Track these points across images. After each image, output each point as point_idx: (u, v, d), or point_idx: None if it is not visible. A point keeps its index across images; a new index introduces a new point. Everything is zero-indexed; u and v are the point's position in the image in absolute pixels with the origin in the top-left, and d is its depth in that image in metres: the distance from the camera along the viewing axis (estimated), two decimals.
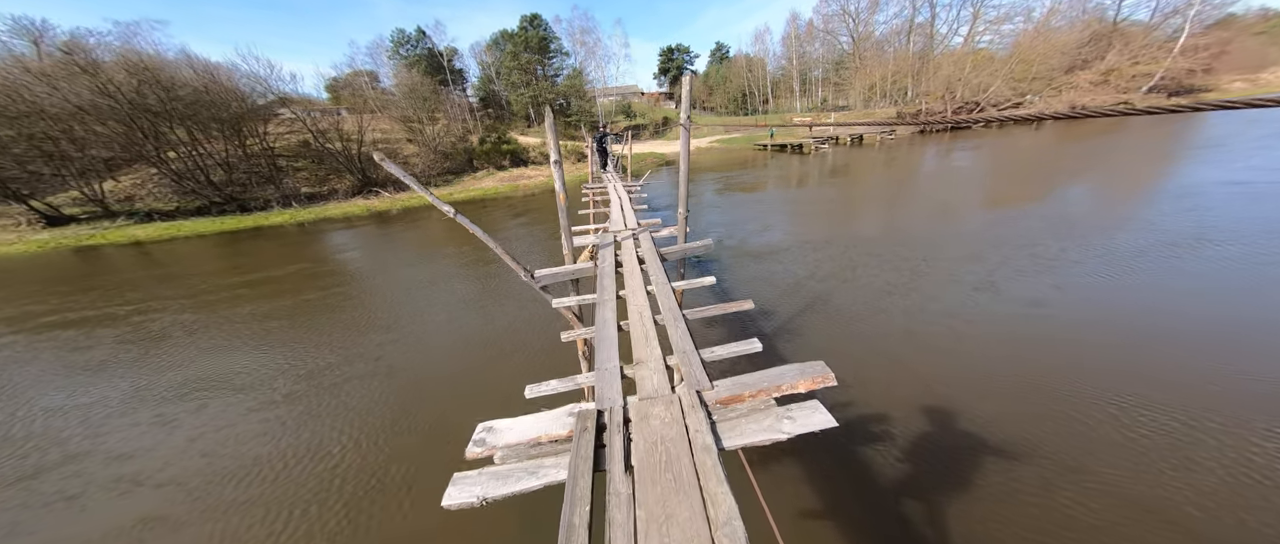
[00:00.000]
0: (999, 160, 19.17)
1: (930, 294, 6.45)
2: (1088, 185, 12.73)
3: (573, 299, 3.31)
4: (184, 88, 17.81)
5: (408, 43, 40.56)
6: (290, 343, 6.71)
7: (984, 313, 5.75)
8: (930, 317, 5.74)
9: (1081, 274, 6.63)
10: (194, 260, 12.90)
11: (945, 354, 4.90)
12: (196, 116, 17.90)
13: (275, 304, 8.43)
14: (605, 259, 3.87)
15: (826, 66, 46.46)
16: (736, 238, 10.40)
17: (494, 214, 17.19)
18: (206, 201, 18.65)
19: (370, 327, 7.05)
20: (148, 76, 16.56)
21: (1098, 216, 9.48)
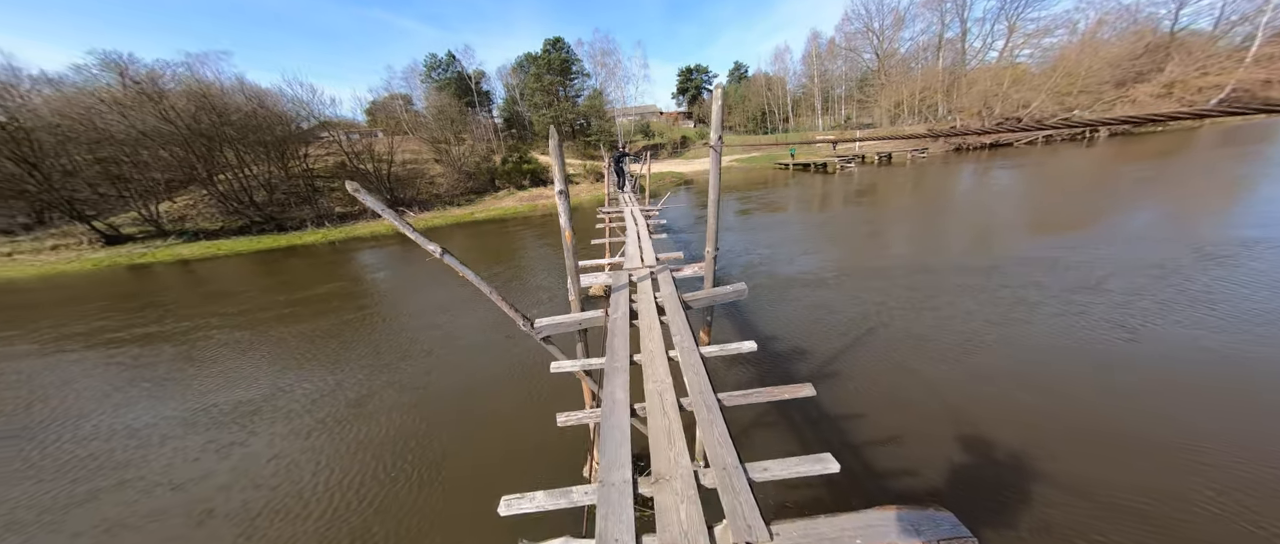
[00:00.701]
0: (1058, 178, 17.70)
1: (1053, 337, 5.25)
2: (1192, 201, 11.31)
3: (576, 363, 2.82)
4: (235, 112, 19.23)
5: (439, 67, 42.96)
6: (335, 365, 6.60)
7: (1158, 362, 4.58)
8: (1071, 372, 4.51)
9: (1249, 308, 5.44)
10: (238, 278, 13.42)
11: (1137, 443, 3.47)
12: (245, 139, 19.24)
13: (318, 324, 8.43)
14: (618, 306, 3.40)
15: (850, 84, 45.70)
16: (765, 265, 9.73)
17: (514, 234, 17.23)
18: (248, 221, 19.73)
19: (409, 352, 6.81)
20: (204, 102, 17.97)
21: (1229, 235, 8.24)
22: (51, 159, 17.33)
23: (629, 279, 3.86)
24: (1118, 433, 3.73)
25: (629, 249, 5.09)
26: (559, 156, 2.90)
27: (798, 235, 12.32)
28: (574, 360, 2.84)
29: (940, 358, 5.15)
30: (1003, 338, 5.50)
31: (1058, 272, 7.55)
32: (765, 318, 6.77)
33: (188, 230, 18.71)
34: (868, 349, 5.48)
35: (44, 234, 17.96)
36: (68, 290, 13.00)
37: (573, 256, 3.25)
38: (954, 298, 6.88)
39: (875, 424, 4.06)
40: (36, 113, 17.43)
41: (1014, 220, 11.52)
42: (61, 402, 6.15)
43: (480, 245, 15.80)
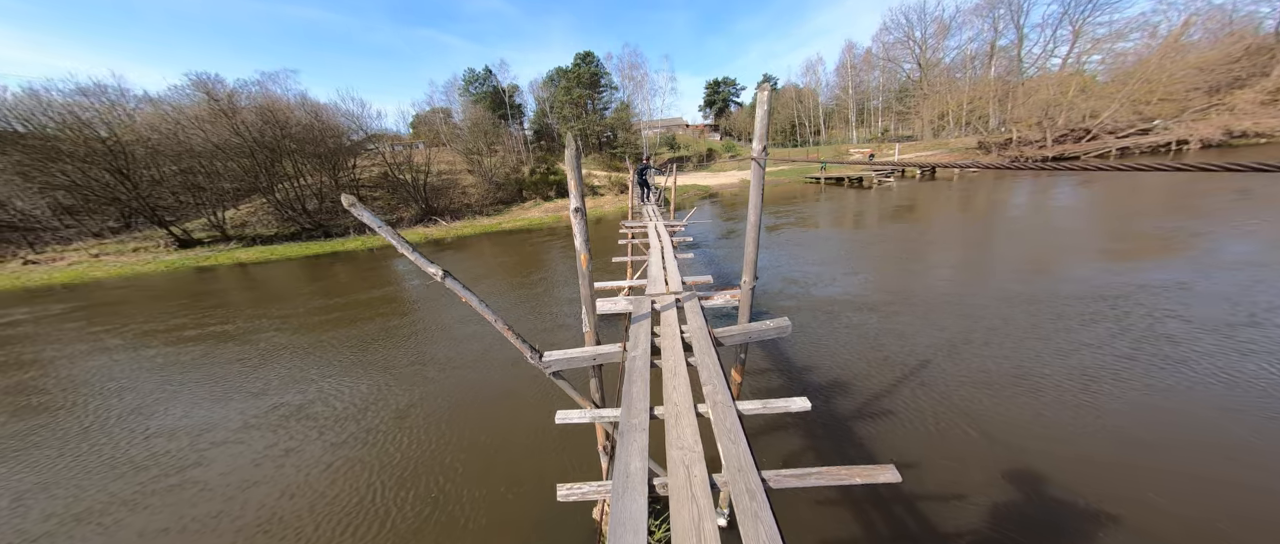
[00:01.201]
0: (1145, 195, 15.66)
1: (1224, 384, 4.27)
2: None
3: (585, 414, 2.39)
4: (295, 125, 20.92)
5: (477, 80, 45.31)
6: (383, 369, 6.65)
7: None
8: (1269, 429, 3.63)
9: None
10: (291, 282, 14.27)
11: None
12: (302, 151, 20.85)
13: (365, 329, 8.66)
14: (638, 341, 2.97)
15: (887, 95, 43.73)
16: (797, 285, 9.00)
17: (540, 244, 17.33)
18: (299, 228, 21.18)
19: (456, 362, 6.72)
20: (269, 116, 19.66)
21: None
22: (141, 169, 19.46)
23: (651, 307, 3.42)
24: None
25: (652, 270, 4.62)
26: (576, 169, 2.55)
27: (838, 254, 11.42)
28: (583, 411, 2.42)
29: (1066, 403, 4.24)
30: (1159, 386, 4.44)
31: (1193, 300, 6.35)
32: (808, 351, 5.96)
33: (247, 235, 20.31)
34: (959, 397, 4.49)
35: (129, 237, 20.09)
36: (146, 290, 14.28)
37: (588, 283, 2.85)
38: (1066, 328, 5.86)
39: (990, 515, 3.09)
40: (134, 129, 19.73)
41: (1111, 241, 10.05)
42: (136, 397, 6.49)
43: (507, 255, 15.97)
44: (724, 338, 2.94)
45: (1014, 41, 34.49)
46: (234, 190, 21.54)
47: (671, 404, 2.28)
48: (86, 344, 9.12)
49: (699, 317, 3.17)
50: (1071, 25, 31.68)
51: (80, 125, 17.89)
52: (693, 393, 2.35)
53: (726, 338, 2.95)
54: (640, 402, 2.31)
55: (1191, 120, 24.54)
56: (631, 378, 2.53)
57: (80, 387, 7.03)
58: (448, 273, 2.38)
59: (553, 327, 7.96)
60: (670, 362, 2.69)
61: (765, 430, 4.18)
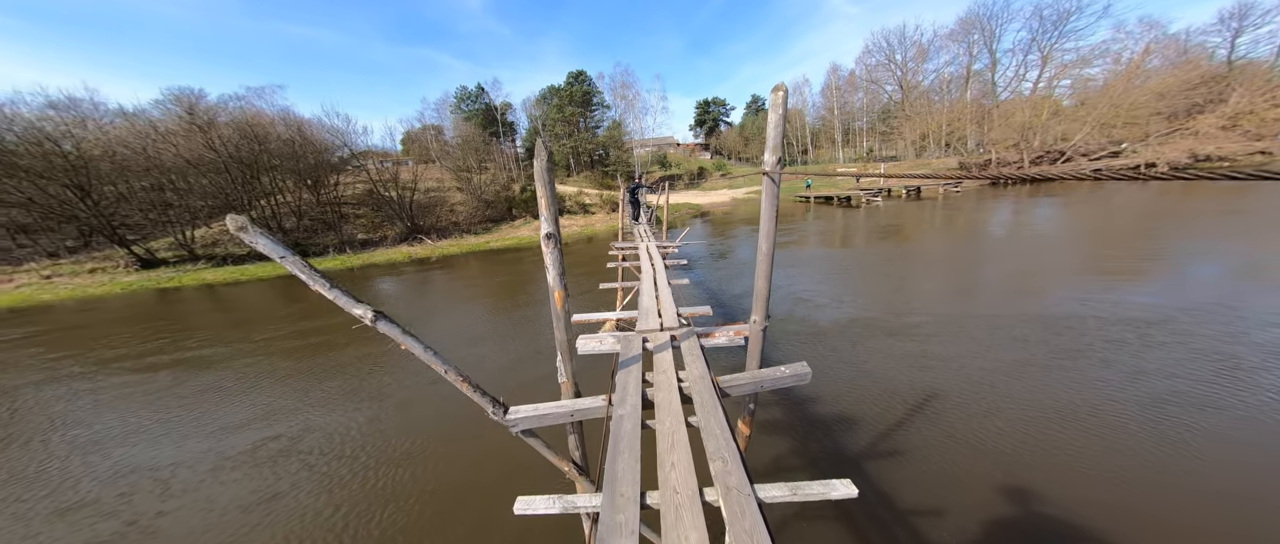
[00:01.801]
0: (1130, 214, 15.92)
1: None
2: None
3: (554, 501, 1.81)
4: (275, 140, 20.27)
5: (469, 98, 45.56)
6: (368, 400, 5.96)
7: None
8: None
9: None
10: (264, 304, 13.31)
11: None
12: (280, 167, 20.14)
13: (342, 357, 7.87)
14: (627, 392, 2.44)
15: (871, 116, 45.28)
16: (807, 305, 8.57)
17: (529, 264, 16.74)
18: None
19: (432, 398, 5.98)
20: (248, 131, 19.01)
21: None
22: (105, 185, 18.48)
23: (643, 346, 2.90)
24: None
25: (644, 300, 4.04)
26: (548, 184, 2.07)
27: (842, 273, 11.10)
28: (551, 498, 1.84)
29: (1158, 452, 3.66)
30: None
31: (1239, 323, 6.04)
32: (830, 389, 5.19)
33: (216, 255, 19.27)
34: (1042, 450, 3.68)
35: (86, 257, 18.86)
36: (104, 313, 13.17)
37: (564, 328, 2.33)
38: (1124, 353, 5.40)
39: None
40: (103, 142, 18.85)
41: (1121, 261, 9.89)
42: (89, 432, 5.62)
43: (495, 275, 15.32)
44: (731, 388, 2.44)
45: (988, 66, 36.25)
46: (206, 208, 20.61)
47: (670, 490, 1.74)
48: (40, 372, 8.14)
49: (700, 361, 2.65)
50: (1040, 51, 33.49)
51: (41, 139, 16.99)
52: (697, 471, 1.82)
53: (733, 387, 2.44)
54: (629, 485, 1.76)
55: (1158, 143, 25.67)
56: (618, 448, 1.98)
57: (26, 418, 6.13)
58: (381, 314, 1.84)
59: (546, 349, 7.34)
60: (666, 424, 2.16)
61: (792, 518, 3.25)
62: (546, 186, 2.07)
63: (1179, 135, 25.45)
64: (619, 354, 2.81)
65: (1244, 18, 30.61)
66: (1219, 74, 27.19)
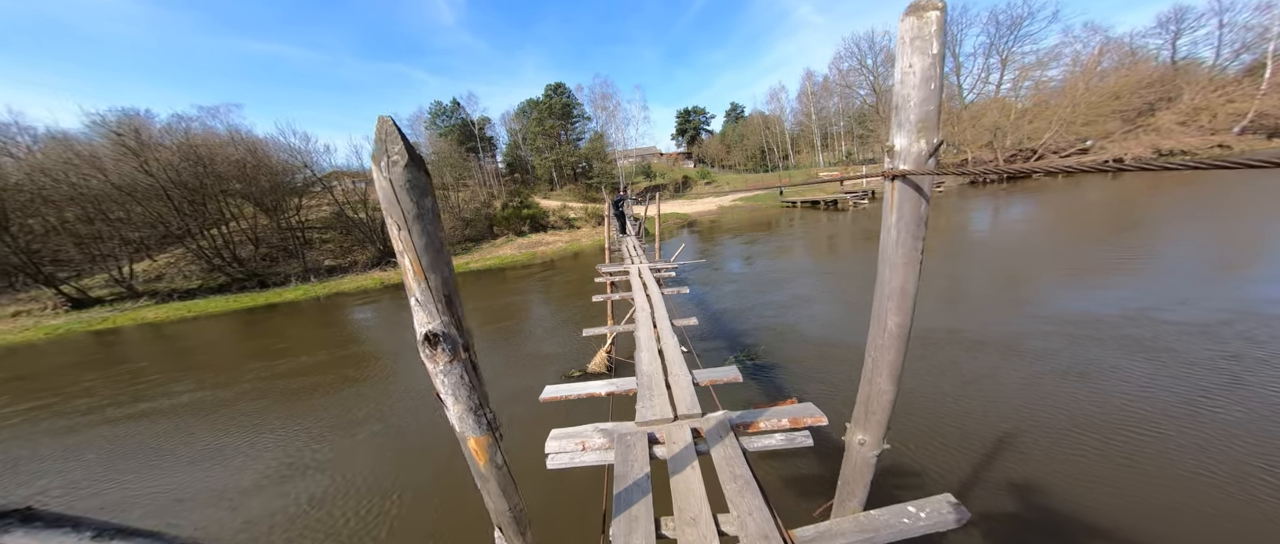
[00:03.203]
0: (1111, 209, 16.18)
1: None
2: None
3: None
4: (224, 162, 18.66)
5: (444, 114, 44.28)
6: (346, 470, 4.76)
7: None
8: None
9: None
10: (219, 345, 11.82)
11: None
12: (229, 190, 18.53)
13: (316, 402, 6.65)
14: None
15: (847, 120, 46.39)
16: (819, 332, 7.95)
17: (513, 286, 15.71)
18: (228, 278, 18.52)
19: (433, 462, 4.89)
20: (191, 153, 17.41)
21: None
22: (28, 218, 16.54)
23: (649, 452, 2.06)
24: None
25: (643, 364, 2.91)
26: (417, 217, 1.09)
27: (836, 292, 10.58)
28: None
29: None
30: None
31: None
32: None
33: (161, 290, 17.45)
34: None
35: (8, 300, 16.75)
36: (32, 360, 11.41)
37: (501, 490, 1.32)
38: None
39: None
40: (23, 167, 16.92)
41: (1136, 261, 9.66)
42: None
43: (477, 299, 14.24)
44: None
45: (953, 69, 37.65)
46: (147, 239, 18.76)
47: None
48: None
49: (752, 492, 1.70)
50: (999, 55, 35.00)
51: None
52: None
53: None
54: None
55: (1123, 138, 26.89)
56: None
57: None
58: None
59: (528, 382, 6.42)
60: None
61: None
62: (418, 221, 1.00)
63: (1141, 132, 26.75)
64: (612, 467, 1.96)
65: (1181, 21, 32.95)
66: (1166, 76, 28.96)
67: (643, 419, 2.11)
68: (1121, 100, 26.99)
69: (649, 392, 2.49)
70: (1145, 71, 28.27)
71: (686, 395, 2.41)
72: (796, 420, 2.00)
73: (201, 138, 19.26)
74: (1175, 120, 26.46)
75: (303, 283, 18.70)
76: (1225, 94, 27.02)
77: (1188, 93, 27.48)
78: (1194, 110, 26.88)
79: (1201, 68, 30.89)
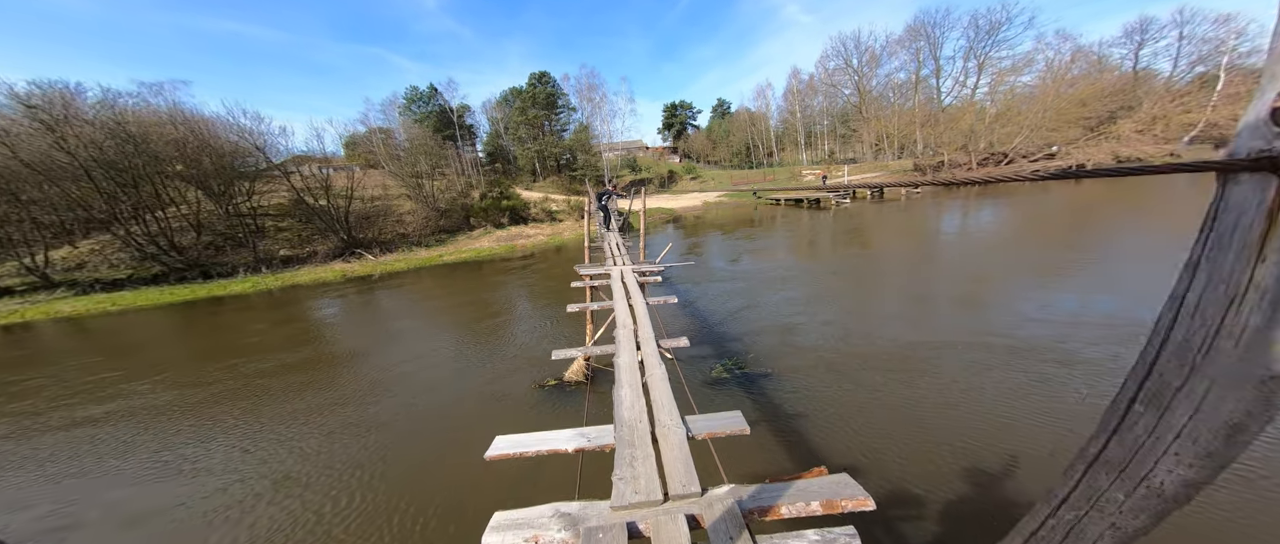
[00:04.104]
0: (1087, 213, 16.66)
1: None
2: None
3: None
4: (160, 142, 16.64)
5: (420, 99, 41.94)
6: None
7: None
8: None
9: None
10: (146, 340, 10.39)
11: None
12: (168, 173, 16.57)
13: (265, 437, 5.61)
14: None
15: (831, 119, 46.90)
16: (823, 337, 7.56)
17: (491, 280, 14.74)
18: (164, 268, 16.65)
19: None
20: (116, 130, 15.39)
21: None
22: None
23: (636, 525, 1.48)
24: None
25: (622, 407, 2.20)
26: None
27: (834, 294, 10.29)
28: None
29: None
30: None
31: None
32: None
33: (82, 281, 15.48)
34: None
35: None
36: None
37: None
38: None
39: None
40: None
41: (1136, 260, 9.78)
42: None
43: (453, 294, 13.24)
44: None
45: (934, 72, 38.53)
46: (68, 222, 16.59)
47: None
48: None
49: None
50: (976, 59, 35.98)
51: None
52: None
53: None
54: None
55: (1086, 144, 28.17)
56: None
57: None
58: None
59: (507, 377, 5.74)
60: None
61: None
62: None
63: (1103, 139, 28.08)
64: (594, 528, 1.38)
65: (1145, 32, 34.69)
66: (1128, 85, 30.47)
67: (621, 501, 1.48)
68: (1088, 108, 28.26)
69: (630, 452, 1.85)
70: (1110, 80, 29.65)
71: (679, 459, 1.77)
72: (831, 504, 1.40)
73: (133, 115, 17.07)
74: (1134, 129, 27.93)
75: (253, 274, 17.06)
76: (1182, 104, 28.68)
77: (1147, 102, 29.04)
78: (1151, 119, 28.44)
79: (1159, 78, 32.69)
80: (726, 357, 6.63)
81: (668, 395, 2.31)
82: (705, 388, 5.72)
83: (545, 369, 6.65)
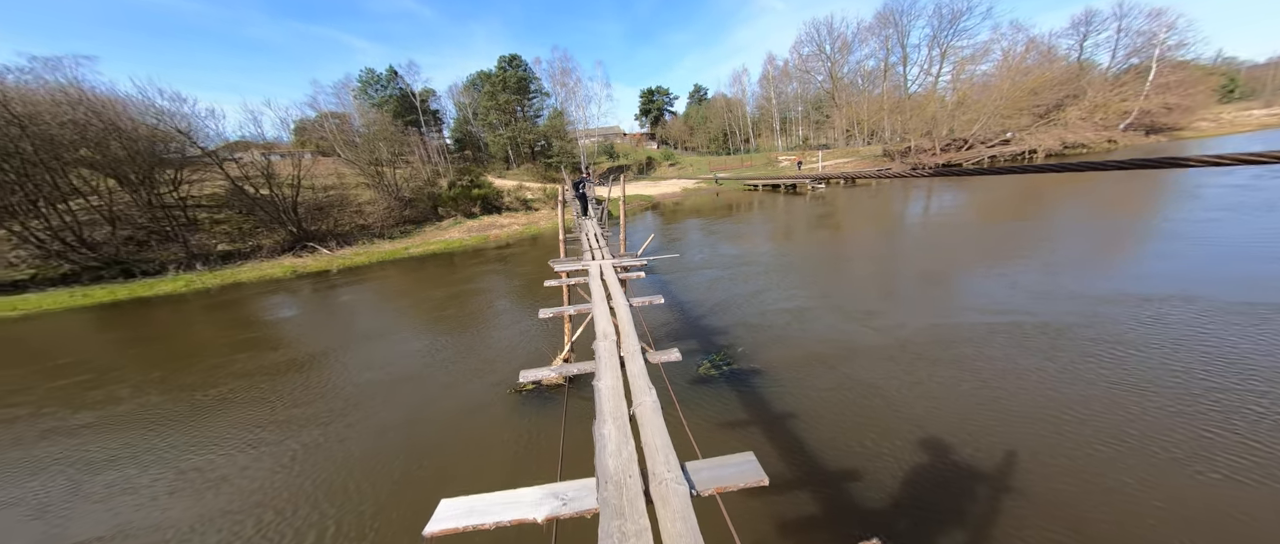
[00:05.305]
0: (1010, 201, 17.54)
1: None
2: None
3: None
4: (55, 124, 14.29)
5: (377, 84, 38.88)
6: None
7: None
8: None
9: None
10: (37, 357, 8.88)
11: None
12: (70, 160, 14.31)
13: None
14: None
15: (806, 105, 47.46)
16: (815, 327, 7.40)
17: (462, 273, 13.83)
18: (77, 266, 14.57)
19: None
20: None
21: None
22: None
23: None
24: None
25: (606, 450, 1.72)
26: None
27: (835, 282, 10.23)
28: None
29: None
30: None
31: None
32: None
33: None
34: None
35: None
36: None
37: None
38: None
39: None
40: None
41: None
42: None
43: (419, 289, 12.29)
44: None
45: (901, 59, 39.56)
46: None
47: None
48: None
49: None
50: (940, 47, 37.22)
51: None
52: None
53: None
54: None
55: (1038, 130, 29.90)
56: None
57: None
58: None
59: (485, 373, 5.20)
60: None
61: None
62: None
63: (1051, 126, 29.87)
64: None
65: (1089, 24, 36.97)
66: (1074, 74, 32.48)
67: (610, 489, 1.10)
68: (1039, 96, 29.94)
69: (618, 524, 1.36)
70: (1059, 70, 31.47)
71: (685, 534, 1.29)
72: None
73: (16, 93, 14.50)
74: (1078, 116, 29.89)
75: (185, 272, 15.25)
76: (1120, 93, 30.91)
77: (1090, 91, 31.08)
78: (1093, 107, 30.51)
79: (1098, 69, 35.03)
80: (713, 351, 6.34)
81: (662, 433, 1.84)
82: (692, 387, 5.40)
83: (519, 368, 6.15)
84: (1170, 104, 30.82)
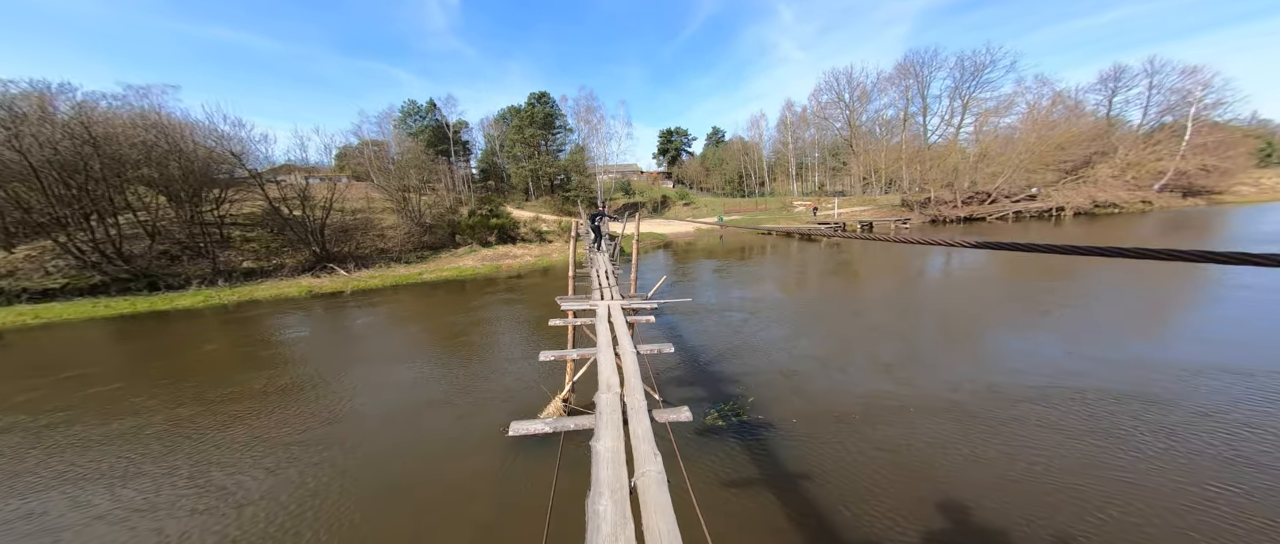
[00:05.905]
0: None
1: None
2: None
3: None
4: (126, 145, 15.52)
5: (417, 114, 41.73)
6: None
7: None
8: None
9: None
10: (60, 362, 8.89)
11: None
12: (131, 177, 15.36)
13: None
14: None
15: (822, 151, 48.30)
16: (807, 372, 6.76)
17: (474, 301, 13.68)
18: (107, 277, 15.14)
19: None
20: (76, 130, 14.28)
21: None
22: None
23: None
24: None
25: (601, 532, 1.47)
26: None
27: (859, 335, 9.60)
28: None
29: None
30: None
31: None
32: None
33: (8, 291, 13.89)
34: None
35: None
36: None
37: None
38: None
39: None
40: None
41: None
42: None
43: (430, 315, 12.11)
44: None
45: (921, 109, 40.26)
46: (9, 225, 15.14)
47: None
48: None
49: None
50: (961, 98, 37.74)
51: None
52: None
53: None
54: None
55: (1066, 188, 29.17)
56: None
57: None
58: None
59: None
60: None
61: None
62: None
63: (1081, 183, 29.15)
64: None
65: (1118, 79, 36.74)
66: (1104, 130, 32.06)
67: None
68: (1066, 151, 29.51)
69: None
70: (1087, 125, 31.17)
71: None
72: None
73: (101, 115, 16.06)
74: (1109, 174, 29.12)
75: (208, 287, 15.64)
76: (1154, 152, 30.08)
77: (1121, 149, 30.47)
78: (1125, 166, 29.74)
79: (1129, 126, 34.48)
80: (721, 401, 5.80)
81: (668, 516, 1.42)
82: (698, 438, 4.89)
83: (521, 404, 5.70)
84: (1208, 166, 29.62)
